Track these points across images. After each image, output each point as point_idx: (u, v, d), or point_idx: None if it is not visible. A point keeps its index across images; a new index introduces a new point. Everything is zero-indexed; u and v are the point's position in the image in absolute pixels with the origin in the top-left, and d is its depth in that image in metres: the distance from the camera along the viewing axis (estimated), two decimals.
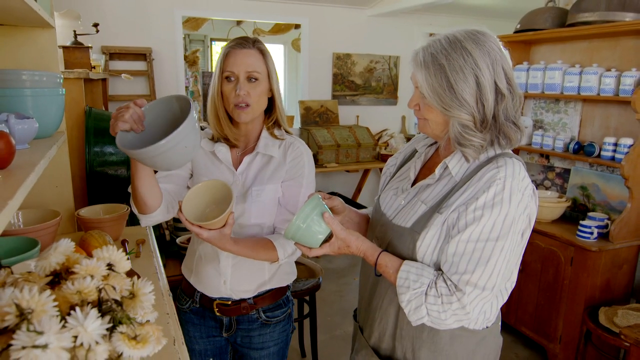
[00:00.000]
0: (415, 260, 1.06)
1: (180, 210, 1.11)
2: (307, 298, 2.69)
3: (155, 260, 1.47)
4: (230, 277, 1.38)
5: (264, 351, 1.46)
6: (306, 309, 2.89)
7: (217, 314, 1.42)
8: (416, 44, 5.19)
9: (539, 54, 3.27)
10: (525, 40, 3.20)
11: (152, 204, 1.23)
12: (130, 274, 1.36)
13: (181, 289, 1.53)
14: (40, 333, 0.58)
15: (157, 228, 2.36)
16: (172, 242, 2.32)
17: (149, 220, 1.29)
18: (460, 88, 0.98)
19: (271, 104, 1.38)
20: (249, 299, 1.41)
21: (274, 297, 1.44)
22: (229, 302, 1.40)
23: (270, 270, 1.41)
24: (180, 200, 1.14)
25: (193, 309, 1.48)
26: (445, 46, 1.00)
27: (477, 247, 0.97)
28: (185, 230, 2.38)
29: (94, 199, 1.85)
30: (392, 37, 5.11)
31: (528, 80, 3.11)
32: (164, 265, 2.18)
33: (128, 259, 0.75)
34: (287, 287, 1.50)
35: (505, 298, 1.13)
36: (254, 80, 1.29)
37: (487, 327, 1.13)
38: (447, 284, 0.99)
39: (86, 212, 1.63)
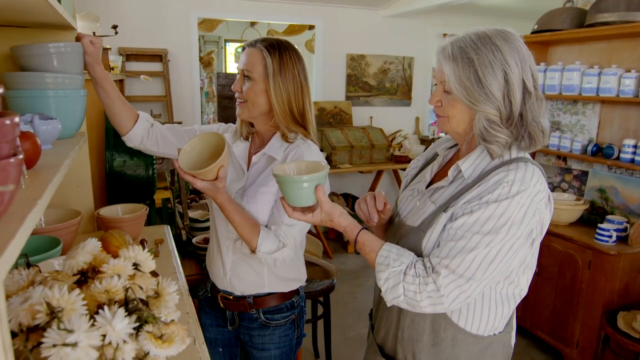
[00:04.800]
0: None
1: (177, 159, 1.20)
2: (321, 299, 2.69)
3: (174, 260, 1.49)
4: (230, 272, 1.41)
5: (265, 352, 1.46)
6: (320, 310, 2.89)
7: (221, 306, 1.46)
8: (431, 44, 5.17)
9: (556, 54, 3.23)
10: (542, 41, 3.17)
11: (122, 124, 1.50)
12: (151, 274, 1.38)
13: (202, 277, 1.59)
14: (70, 331, 0.59)
15: (173, 228, 2.38)
16: (189, 242, 2.33)
17: (127, 140, 1.53)
18: (489, 82, 0.98)
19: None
20: (249, 297, 1.42)
21: (275, 301, 1.43)
22: (231, 297, 1.44)
23: (269, 274, 1.41)
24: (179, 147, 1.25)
25: (206, 297, 1.54)
26: (475, 41, 1.00)
27: (465, 236, 0.97)
28: (201, 230, 2.40)
29: (113, 199, 1.87)
30: (406, 38, 5.09)
31: (545, 82, 3.08)
32: None
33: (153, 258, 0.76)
34: (293, 293, 1.47)
35: (513, 305, 1.11)
36: (247, 78, 1.32)
37: (494, 335, 1.11)
38: (425, 266, 0.99)
39: (106, 211, 1.65)
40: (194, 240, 2.28)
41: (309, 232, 4.35)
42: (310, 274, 2.54)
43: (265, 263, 1.32)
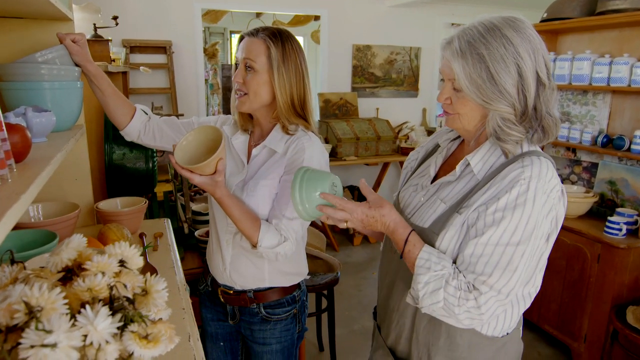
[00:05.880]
0: None
1: (172, 154, 1.19)
2: (325, 292, 2.67)
3: (172, 254, 1.47)
4: (230, 266, 1.39)
5: (266, 347, 1.44)
6: (324, 304, 2.88)
7: (222, 300, 1.45)
8: (438, 34, 5.09)
9: (566, 43, 3.16)
10: (552, 30, 3.10)
11: (119, 120, 1.47)
12: (147, 267, 1.36)
13: (202, 271, 1.58)
14: (49, 332, 0.57)
15: (176, 221, 2.37)
16: (191, 235, 2.32)
17: (125, 135, 1.50)
18: (502, 79, 0.92)
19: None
20: (249, 291, 1.40)
21: (276, 295, 1.41)
22: (231, 291, 1.42)
23: (269, 269, 1.39)
24: (174, 143, 1.23)
25: (206, 291, 1.52)
26: (484, 33, 0.93)
27: (497, 250, 0.92)
28: (203, 223, 2.38)
29: (113, 192, 1.86)
30: (412, 28, 5.01)
31: (555, 71, 3.01)
32: (182, 258, 2.19)
33: (145, 253, 0.74)
34: (295, 287, 1.46)
35: (528, 304, 1.08)
36: (250, 69, 1.28)
37: (507, 334, 1.08)
38: (466, 280, 0.95)
39: (105, 205, 1.63)
40: (196, 233, 2.27)
41: (314, 224, 4.33)
42: (314, 267, 2.52)
43: (266, 258, 1.29)
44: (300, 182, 1.00)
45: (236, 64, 1.33)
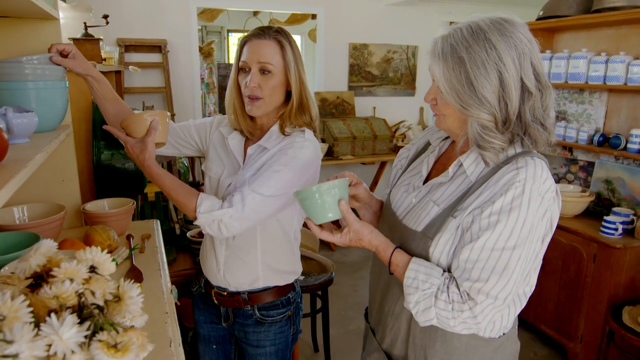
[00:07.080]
0: None
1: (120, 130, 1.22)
2: (319, 293, 2.65)
3: (160, 256, 1.45)
4: (224, 267, 1.38)
5: (260, 349, 1.43)
6: (319, 304, 2.86)
7: (215, 302, 1.44)
8: (435, 33, 5.06)
9: (562, 42, 3.14)
10: (548, 28, 3.08)
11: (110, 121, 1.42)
12: (133, 270, 1.34)
13: (196, 273, 1.56)
14: (10, 342, 0.55)
15: (167, 222, 2.35)
16: (183, 236, 2.30)
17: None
18: (481, 85, 0.89)
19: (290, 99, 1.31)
20: (244, 293, 1.38)
21: (270, 296, 1.40)
22: (225, 293, 1.41)
23: (263, 267, 1.37)
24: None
25: (199, 293, 1.51)
26: (467, 37, 0.91)
27: (493, 255, 0.90)
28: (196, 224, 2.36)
29: (102, 193, 1.84)
30: (410, 27, 4.99)
31: (551, 70, 3.00)
32: (174, 260, 2.17)
33: (131, 256, 0.71)
34: (289, 288, 1.44)
35: (524, 303, 1.07)
36: (266, 72, 1.25)
37: (503, 334, 1.06)
38: (459, 290, 0.93)
39: (92, 206, 1.61)
40: (188, 234, 2.25)
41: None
42: (307, 268, 2.50)
43: (209, 230, 1.21)
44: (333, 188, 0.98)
45: (241, 68, 1.30)
